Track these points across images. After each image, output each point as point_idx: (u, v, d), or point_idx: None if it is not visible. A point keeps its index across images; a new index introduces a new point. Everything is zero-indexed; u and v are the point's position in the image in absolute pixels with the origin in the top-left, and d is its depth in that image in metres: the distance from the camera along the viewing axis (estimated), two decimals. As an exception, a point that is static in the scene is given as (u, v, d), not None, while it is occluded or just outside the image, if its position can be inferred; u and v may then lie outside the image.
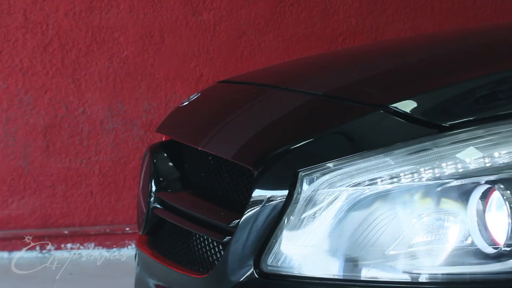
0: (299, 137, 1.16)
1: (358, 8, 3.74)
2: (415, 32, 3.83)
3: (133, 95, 3.53)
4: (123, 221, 3.58)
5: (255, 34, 3.61)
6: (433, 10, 3.85)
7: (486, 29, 1.68)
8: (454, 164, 1.03)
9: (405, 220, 1.05)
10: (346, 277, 1.08)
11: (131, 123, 3.54)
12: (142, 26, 3.51)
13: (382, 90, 1.23)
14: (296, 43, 3.67)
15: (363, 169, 1.07)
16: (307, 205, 1.10)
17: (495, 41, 1.38)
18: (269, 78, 1.55)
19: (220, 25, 3.58)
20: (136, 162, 3.56)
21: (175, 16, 3.54)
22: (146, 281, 1.50)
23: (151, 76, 3.54)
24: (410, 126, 1.07)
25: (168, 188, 1.50)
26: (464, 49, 1.37)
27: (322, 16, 3.70)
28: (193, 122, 1.50)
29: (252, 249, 1.13)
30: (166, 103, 3.56)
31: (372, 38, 3.77)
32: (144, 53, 3.52)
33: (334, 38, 3.72)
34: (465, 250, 1.02)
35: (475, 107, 1.10)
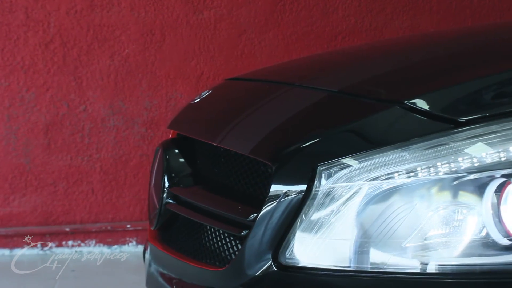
0: (316, 133, 1.18)
1: (357, 7, 3.77)
2: (413, 30, 3.87)
3: (134, 93, 3.55)
4: (124, 219, 3.60)
5: (255, 32, 3.64)
6: (431, 9, 3.88)
7: (497, 26, 1.71)
8: (470, 158, 1.05)
9: (422, 213, 1.08)
10: (363, 269, 1.10)
11: (132, 121, 3.56)
12: (143, 24, 3.53)
13: (397, 86, 1.25)
14: (296, 41, 3.69)
15: (380, 163, 1.10)
16: (325, 199, 1.12)
17: (507, 38, 1.41)
18: (281, 75, 1.57)
19: (220, 24, 3.60)
20: (137, 160, 3.58)
21: (176, 14, 3.55)
22: (160, 276, 1.52)
23: (152, 74, 3.55)
24: (426, 122, 1.09)
25: (181, 183, 1.52)
26: (478, 46, 1.40)
27: (322, 14, 3.72)
28: (207, 118, 1.52)
29: (270, 242, 1.16)
30: (167, 101, 3.58)
31: (371, 36, 3.80)
32: (145, 51, 3.54)
33: (333, 37, 3.75)
34: (480, 241, 1.05)
35: (490, 103, 1.12)
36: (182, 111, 1.66)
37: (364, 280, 1.10)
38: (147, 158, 3.59)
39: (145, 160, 3.59)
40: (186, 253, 1.44)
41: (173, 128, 1.62)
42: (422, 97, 1.14)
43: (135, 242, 3.61)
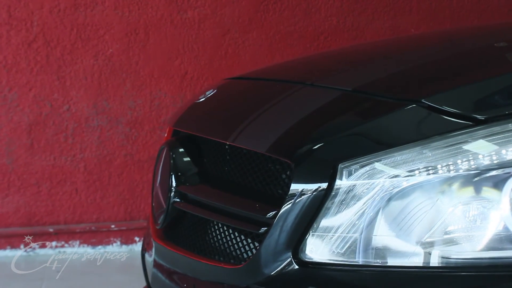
0: (336, 131, 1.20)
1: (339, 7, 3.80)
2: (394, 31, 3.91)
3: (118, 92, 3.53)
4: (108, 219, 3.58)
5: (239, 32, 3.65)
6: (411, 10, 3.93)
7: (505, 27, 1.75)
8: (489, 155, 1.08)
9: (442, 209, 1.10)
10: (384, 264, 1.12)
11: (116, 120, 3.54)
12: (127, 24, 3.51)
13: (413, 85, 1.27)
14: (279, 41, 3.71)
15: (401, 161, 1.12)
16: (346, 196, 1.14)
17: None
18: (288, 74, 1.58)
19: (204, 23, 3.60)
20: (121, 160, 3.56)
21: (160, 13, 3.55)
22: (169, 275, 1.51)
23: (136, 73, 3.54)
24: (446, 120, 1.12)
25: (189, 182, 1.52)
26: (494, 45, 1.43)
27: (305, 14, 3.75)
28: (217, 117, 1.53)
29: (291, 239, 1.17)
30: (151, 100, 3.57)
31: (353, 36, 3.84)
32: (129, 50, 3.52)
33: (316, 37, 3.78)
34: (500, 236, 1.07)
35: (509, 101, 1.15)
36: (187, 110, 1.66)
37: (386, 275, 1.12)
38: (131, 158, 3.58)
39: (129, 160, 3.58)
40: (197, 251, 1.45)
41: (179, 127, 1.62)
42: (440, 95, 1.17)
43: (120, 242, 3.59)
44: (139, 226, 3.59)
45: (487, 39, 1.51)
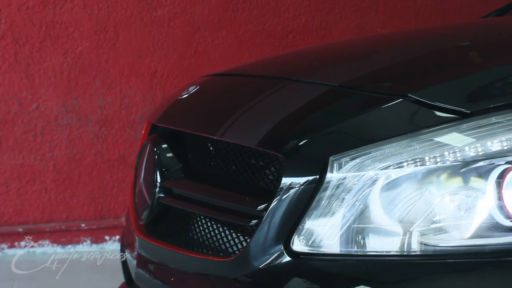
0: (326, 125, 1.23)
1: (307, 7, 3.84)
2: (361, 30, 3.97)
3: (88, 90, 3.51)
4: (78, 218, 3.56)
5: (209, 30, 3.66)
6: (377, 9, 4.00)
7: (488, 24, 1.80)
8: (475, 147, 1.12)
9: (430, 199, 1.14)
10: (374, 253, 1.15)
11: (85, 119, 3.52)
12: (96, 22, 3.49)
13: (399, 80, 1.31)
14: (248, 40, 3.74)
15: (389, 153, 1.15)
16: (337, 188, 1.17)
17: (506, 33, 1.49)
18: (273, 70, 1.61)
19: (174, 21, 3.61)
20: (91, 158, 3.55)
21: (129, 11, 3.54)
22: (155, 270, 1.52)
23: (106, 71, 3.53)
24: (433, 114, 1.16)
25: (175, 177, 1.54)
26: (478, 40, 1.48)
27: (273, 13, 3.78)
28: (202, 113, 1.54)
29: (282, 231, 1.19)
30: (121, 98, 3.56)
31: (321, 35, 3.88)
32: (99, 48, 3.51)
33: (285, 35, 3.81)
34: (485, 224, 1.12)
35: (494, 95, 1.19)
36: (170, 106, 1.67)
37: (377, 264, 1.15)
38: (101, 157, 3.56)
39: (99, 159, 3.56)
40: (184, 245, 1.46)
41: (163, 123, 1.63)
42: (427, 90, 1.21)
43: (90, 241, 3.57)
44: (110, 225, 3.58)
45: (466, 36, 1.56)
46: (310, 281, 1.19)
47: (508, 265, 1.10)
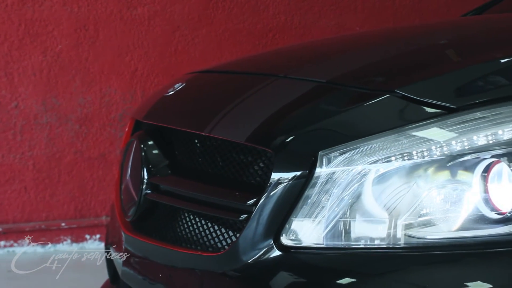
0: (315, 121, 1.24)
1: (287, 5, 3.86)
2: (340, 29, 4.00)
3: (68, 89, 3.50)
4: (58, 217, 3.54)
5: (189, 29, 3.66)
6: (356, 8, 4.03)
7: (470, 22, 1.83)
8: (461, 141, 1.15)
9: (417, 193, 1.16)
10: (363, 246, 1.17)
11: (65, 117, 3.50)
12: (76, 20, 3.48)
13: (387, 76, 1.33)
14: (228, 38, 3.75)
15: (378, 148, 1.17)
16: (326, 182, 1.18)
17: (488, 30, 1.52)
18: (260, 67, 1.62)
19: (154, 20, 3.60)
20: (71, 157, 3.53)
21: (109, 9, 3.53)
22: (143, 267, 1.52)
23: (86, 70, 3.51)
24: (420, 109, 1.18)
25: (162, 174, 1.54)
26: (462, 38, 1.50)
27: (253, 12, 3.80)
28: (190, 109, 1.55)
29: (272, 225, 1.21)
30: (101, 97, 3.55)
31: (301, 34, 3.91)
32: (79, 46, 3.49)
33: (264, 34, 3.83)
34: (472, 217, 1.14)
35: (479, 90, 1.22)
36: (157, 103, 1.67)
37: (365, 257, 1.17)
38: (81, 155, 3.55)
39: (79, 157, 3.54)
40: (171, 241, 1.47)
41: (149, 119, 1.63)
42: (413, 86, 1.23)
43: (70, 240, 3.56)
44: (90, 224, 3.57)
45: (450, 34, 1.59)
46: (300, 275, 1.21)
47: (492, 256, 1.13)
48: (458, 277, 1.13)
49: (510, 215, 1.12)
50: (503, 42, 1.39)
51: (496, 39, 1.44)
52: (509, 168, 1.12)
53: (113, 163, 3.55)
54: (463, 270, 1.13)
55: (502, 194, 1.13)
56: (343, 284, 1.17)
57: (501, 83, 1.22)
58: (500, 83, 1.23)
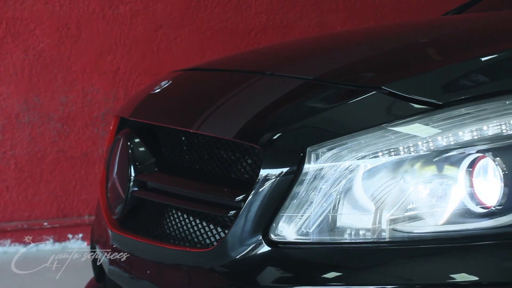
0: (303, 117, 1.26)
1: (269, 4, 3.88)
2: (321, 28, 4.03)
3: (50, 88, 3.48)
4: (40, 216, 3.52)
5: (171, 27, 3.66)
6: (337, 8, 4.06)
7: (452, 20, 1.86)
8: (447, 137, 1.17)
9: (404, 188, 1.18)
10: (351, 241, 1.19)
11: (47, 116, 3.49)
12: (58, 18, 3.47)
13: (374, 73, 1.35)
14: (210, 37, 3.76)
15: (365, 144, 1.19)
16: (314, 178, 1.20)
17: (471, 29, 1.55)
18: (246, 65, 1.63)
19: (136, 18, 3.60)
20: (53, 156, 3.52)
21: (91, 8, 3.52)
22: (130, 264, 1.53)
23: (68, 69, 3.50)
24: (406, 105, 1.20)
25: (150, 171, 1.55)
26: (446, 35, 1.53)
27: (235, 11, 3.81)
28: (177, 106, 1.56)
29: (261, 221, 1.22)
30: (84, 96, 3.54)
31: (282, 33, 3.93)
32: (61, 45, 3.48)
33: (247, 33, 3.84)
34: (458, 211, 1.16)
35: (464, 87, 1.24)
36: (143, 100, 1.68)
37: (353, 252, 1.19)
38: (63, 154, 3.53)
39: (61, 156, 3.53)
40: (159, 238, 1.47)
41: (136, 117, 1.64)
42: (400, 82, 1.25)
43: (52, 240, 3.54)
44: (72, 223, 3.55)
45: (434, 32, 1.61)
46: (288, 269, 1.23)
47: (477, 250, 1.15)
48: (443, 269, 1.15)
49: (495, 209, 1.14)
50: (485, 41, 1.42)
51: (478, 37, 1.47)
52: (494, 163, 1.15)
53: (96, 162, 3.55)
54: (449, 263, 1.16)
55: (487, 189, 1.16)
56: (330, 278, 1.19)
57: (485, 80, 1.25)
58: (484, 80, 1.25)
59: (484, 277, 1.13)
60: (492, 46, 1.35)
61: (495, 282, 1.13)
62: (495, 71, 1.25)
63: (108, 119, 3.53)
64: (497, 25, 1.59)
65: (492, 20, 1.69)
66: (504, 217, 1.14)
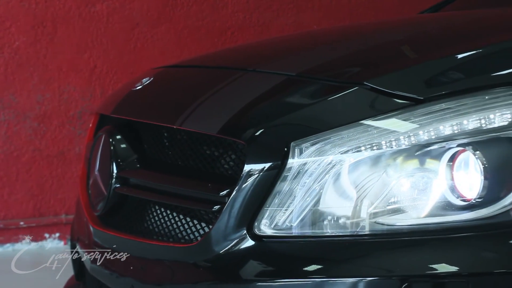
0: (286, 112, 1.28)
1: (245, 3, 3.89)
2: (298, 27, 4.05)
3: (26, 86, 3.46)
4: (16, 216, 3.50)
5: (148, 26, 3.66)
6: (313, 7, 4.08)
7: (433, 18, 1.89)
8: (428, 131, 1.19)
9: (386, 181, 1.20)
10: (334, 234, 1.21)
11: (23, 115, 3.46)
12: (34, 16, 3.44)
13: (356, 69, 1.37)
14: (187, 36, 3.76)
15: (348, 138, 1.21)
16: (298, 173, 1.22)
17: (449, 27, 1.58)
18: (228, 62, 1.64)
19: (113, 17, 3.59)
20: (29, 155, 3.49)
21: (68, 6, 3.50)
22: (112, 261, 1.52)
23: (44, 67, 3.48)
24: (388, 100, 1.22)
25: (132, 167, 1.55)
26: (425, 33, 1.56)
27: (212, 9, 3.81)
28: (159, 103, 1.56)
29: (245, 215, 1.23)
30: (60, 94, 3.52)
31: (259, 32, 3.94)
32: (37, 43, 3.46)
33: (223, 31, 3.85)
34: (439, 203, 1.19)
35: (444, 83, 1.27)
36: (125, 97, 1.68)
37: (337, 245, 1.21)
38: (39, 153, 3.51)
39: (37, 155, 3.51)
40: (142, 234, 1.48)
41: (118, 114, 1.64)
42: (382, 78, 1.27)
43: (29, 239, 3.52)
44: (49, 223, 3.53)
45: (414, 29, 1.64)
46: (272, 263, 1.24)
47: (457, 241, 1.17)
48: (424, 260, 1.17)
49: (475, 202, 1.17)
50: (464, 38, 1.45)
51: (457, 35, 1.50)
52: (474, 156, 1.17)
53: (73, 161, 3.53)
54: (430, 254, 1.18)
55: (467, 182, 1.18)
56: (313, 270, 1.21)
57: (464, 75, 1.28)
58: (463, 75, 1.28)
59: (464, 267, 1.16)
60: (471, 43, 1.38)
61: (474, 272, 1.16)
62: (474, 67, 1.28)
63: (85, 118, 3.52)
64: (474, 23, 1.62)
65: (468, 18, 1.73)
66: (484, 209, 1.16)
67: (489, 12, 1.79)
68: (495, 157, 1.17)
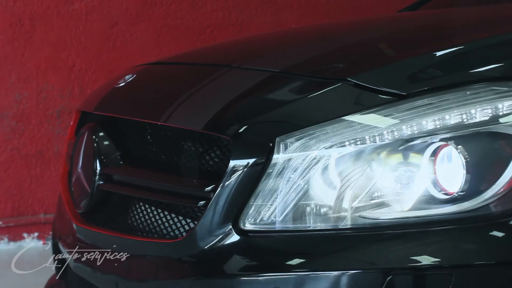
0: (271, 108, 1.29)
1: (224, 2, 3.90)
2: (276, 25, 4.07)
3: (3, 85, 3.43)
4: (-6, 215, 3.47)
5: (127, 24, 3.65)
6: (292, 6, 4.10)
7: (413, 16, 1.91)
8: (411, 126, 1.21)
9: (370, 176, 1.22)
10: (319, 228, 1.22)
11: (1, 114, 3.44)
12: (11, 14, 3.42)
13: (339, 66, 1.39)
14: (166, 34, 3.75)
15: (332, 134, 1.22)
16: (283, 168, 1.23)
17: (429, 24, 1.60)
18: (212, 59, 1.65)
19: (92, 15, 3.57)
20: (7, 154, 3.46)
21: (46, 4, 3.48)
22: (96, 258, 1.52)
23: (22, 65, 3.45)
24: (372, 96, 1.24)
25: (115, 164, 1.55)
26: (405, 31, 1.58)
27: (191, 8, 3.81)
28: (143, 99, 1.56)
29: (231, 210, 1.24)
30: (38, 93, 3.50)
31: (238, 30, 3.95)
32: (14, 41, 3.43)
33: (202, 30, 3.85)
34: (422, 197, 1.21)
35: (428, 78, 1.29)
36: (108, 94, 1.68)
37: (321, 239, 1.22)
38: (18, 152, 3.48)
39: (16, 155, 3.48)
40: (127, 231, 1.48)
41: (101, 111, 1.64)
42: (365, 74, 1.29)
43: (7, 239, 3.49)
44: (28, 222, 3.51)
45: (396, 26, 1.66)
46: (256, 258, 1.25)
47: (440, 233, 1.19)
48: (407, 253, 1.19)
49: (457, 195, 1.19)
50: (445, 35, 1.48)
51: (437, 32, 1.53)
52: (456, 150, 1.20)
53: (51, 160, 3.51)
54: (413, 247, 1.20)
55: (449, 176, 1.21)
56: (296, 264, 1.22)
57: (446, 71, 1.30)
58: (445, 71, 1.30)
59: (447, 260, 1.18)
60: (452, 40, 1.41)
61: (457, 264, 1.18)
62: (456, 64, 1.30)
63: (64, 116, 3.50)
64: (454, 21, 1.65)
65: (447, 17, 1.76)
66: (466, 203, 1.19)
67: (466, 10, 1.82)
68: (476, 152, 1.19)
